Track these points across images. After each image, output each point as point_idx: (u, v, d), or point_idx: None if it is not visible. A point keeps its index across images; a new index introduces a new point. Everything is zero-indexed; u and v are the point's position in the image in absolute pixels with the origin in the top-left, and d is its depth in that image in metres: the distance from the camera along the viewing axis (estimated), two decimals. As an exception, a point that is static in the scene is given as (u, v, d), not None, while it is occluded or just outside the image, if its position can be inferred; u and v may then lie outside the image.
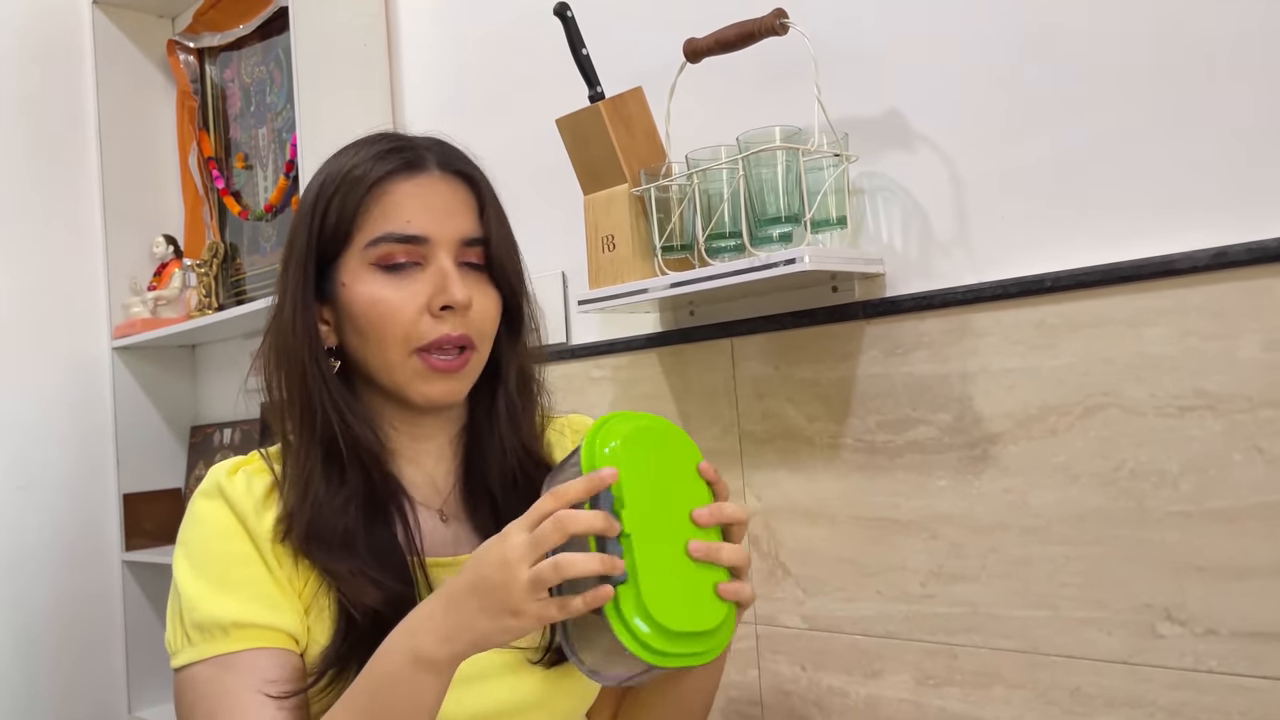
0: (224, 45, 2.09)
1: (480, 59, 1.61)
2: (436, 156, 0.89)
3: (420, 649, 0.73)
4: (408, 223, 0.85)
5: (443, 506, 0.91)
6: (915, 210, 1.10)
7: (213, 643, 0.80)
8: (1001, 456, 1.02)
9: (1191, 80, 0.91)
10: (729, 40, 1.12)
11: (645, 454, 0.77)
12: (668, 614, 0.73)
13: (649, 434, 0.78)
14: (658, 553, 0.75)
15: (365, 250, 0.85)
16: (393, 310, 0.84)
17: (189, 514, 0.86)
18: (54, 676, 2.04)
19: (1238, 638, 0.88)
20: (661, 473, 0.78)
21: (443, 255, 0.86)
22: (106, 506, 2.13)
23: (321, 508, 0.83)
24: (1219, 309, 0.89)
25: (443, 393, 0.86)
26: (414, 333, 0.84)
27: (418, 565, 0.85)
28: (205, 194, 2.15)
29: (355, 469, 0.85)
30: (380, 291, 0.85)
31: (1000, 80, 1.03)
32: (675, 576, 0.75)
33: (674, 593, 0.74)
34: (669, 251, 1.17)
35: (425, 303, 0.84)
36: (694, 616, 0.74)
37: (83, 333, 2.13)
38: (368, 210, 0.86)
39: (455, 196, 0.88)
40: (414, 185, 0.86)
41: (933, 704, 1.08)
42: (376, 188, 0.86)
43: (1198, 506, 0.90)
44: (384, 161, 0.86)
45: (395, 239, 0.85)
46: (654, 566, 0.74)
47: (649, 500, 0.75)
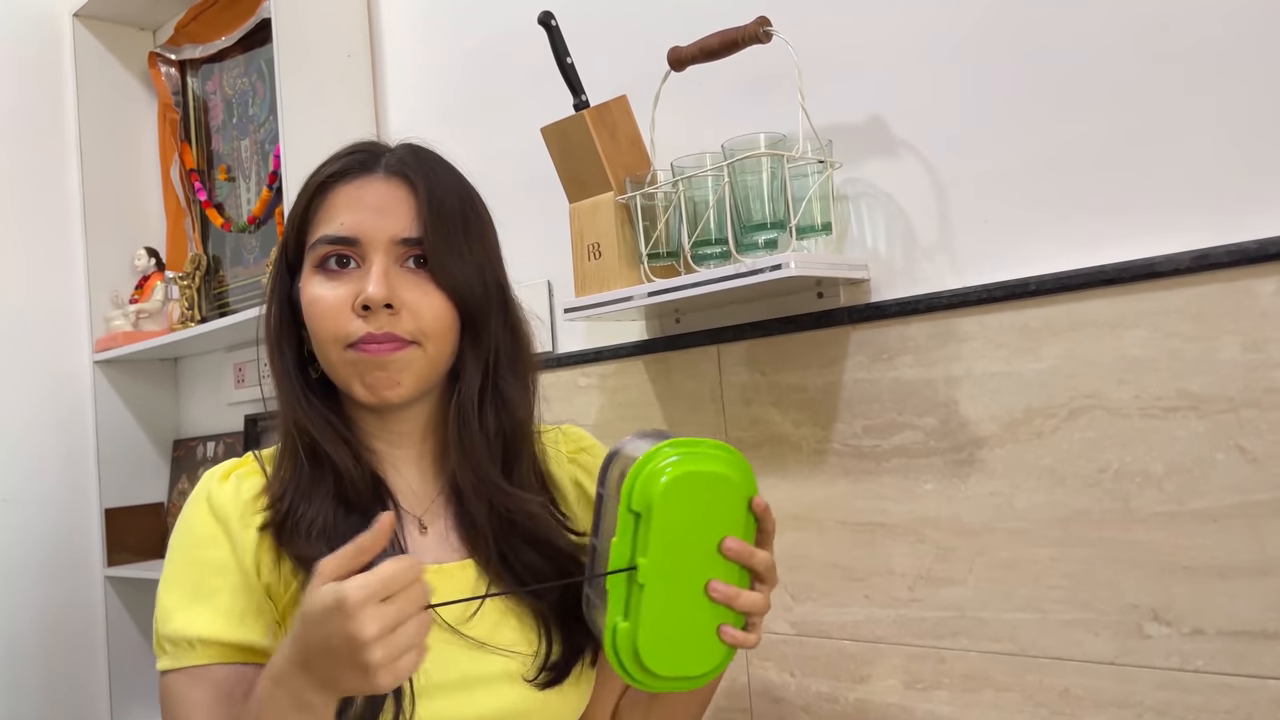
0: (206, 57, 2.09)
1: (464, 68, 1.62)
2: (387, 160, 0.89)
3: (299, 695, 0.70)
4: (341, 224, 0.86)
5: (422, 516, 0.91)
6: (899, 215, 1.11)
7: (182, 655, 0.82)
8: (987, 460, 1.03)
9: (1173, 84, 0.93)
10: (713, 48, 1.13)
11: (693, 494, 0.77)
12: (660, 660, 0.76)
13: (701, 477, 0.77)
14: (671, 594, 0.76)
15: (310, 252, 0.88)
16: (324, 310, 0.86)
17: (178, 520, 0.88)
18: (35, 693, 2.02)
19: (1223, 637, 0.89)
20: (708, 508, 0.77)
21: (377, 256, 0.85)
22: (88, 521, 2.11)
23: (299, 497, 0.85)
24: (1200, 310, 0.90)
25: (379, 381, 0.85)
26: (343, 331, 0.85)
27: None
28: (187, 206, 2.14)
29: (329, 461, 0.87)
30: (316, 291, 0.87)
31: (981, 86, 1.04)
32: (684, 618, 0.77)
33: (676, 638, 0.77)
34: (655, 259, 1.18)
35: (351, 302, 0.85)
36: (688, 661, 0.78)
37: (64, 346, 2.12)
38: (313, 214, 0.89)
39: (392, 197, 0.87)
40: (352, 188, 0.88)
41: (921, 708, 1.08)
42: (319, 192, 0.89)
43: (1182, 506, 0.91)
44: (331, 165, 0.89)
45: (327, 240, 0.86)
46: (660, 613, 0.76)
47: (678, 540, 0.76)
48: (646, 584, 0.75)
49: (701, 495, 0.77)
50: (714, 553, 0.78)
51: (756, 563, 0.79)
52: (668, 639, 0.76)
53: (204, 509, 0.86)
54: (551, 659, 0.87)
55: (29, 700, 2.01)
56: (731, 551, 0.77)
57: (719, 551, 0.78)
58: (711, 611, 0.78)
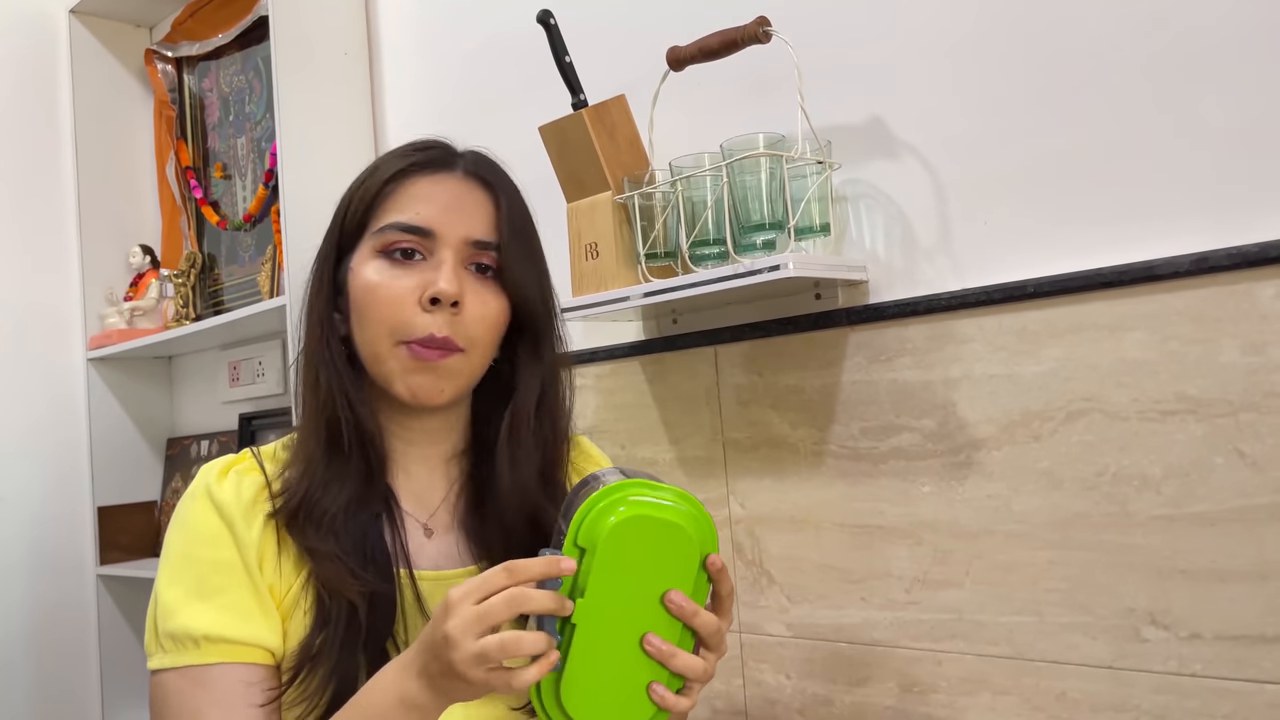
0: (202, 54, 2.08)
1: (462, 67, 1.61)
2: (465, 161, 0.89)
3: (406, 691, 0.73)
4: (417, 214, 0.85)
5: (429, 521, 0.90)
6: (898, 217, 1.10)
7: (184, 653, 0.80)
8: (985, 462, 1.03)
9: (1174, 88, 0.92)
10: (712, 48, 1.13)
11: (642, 539, 0.73)
12: (581, 707, 0.73)
13: (652, 523, 0.73)
14: (605, 640, 0.72)
15: (373, 236, 0.86)
16: (385, 298, 0.84)
17: (175, 515, 0.86)
18: (26, 691, 2.01)
19: (1221, 641, 0.89)
20: (656, 557, 0.73)
21: (447, 252, 0.85)
22: (81, 519, 2.10)
23: (316, 486, 0.83)
24: (1200, 314, 0.90)
25: (422, 386, 0.84)
26: (402, 323, 0.83)
27: (407, 575, 0.85)
28: (183, 204, 2.13)
29: (355, 453, 0.85)
30: (376, 277, 0.85)
31: (982, 87, 1.04)
32: (614, 668, 0.73)
33: (602, 687, 0.73)
34: (652, 259, 1.17)
35: (416, 294, 0.84)
36: (611, 713, 0.73)
37: (58, 343, 2.11)
38: (383, 201, 0.87)
39: (471, 198, 0.87)
40: (431, 181, 0.87)
41: (918, 710, 1.08)
42: (394, 180, 0.87)
43: (1180, 510, 0.91)
44: (409, 157, 0.88)
45: (400, 227, 0.85)
46: (589, 659, 0.72)
47: (621, 586, 0.72)
48: (579, 624, 0.71)
49: (653, 543, 0.73)
50: (658, 606, 0.73)
51: (699, 624, 0.74)
52: (593, 686, 0.73)
53: (206, 505, 0.84)
54: None
55: (19, 698, 2.00)
56: (673, 605, 0.73)
57: (662, 605, 0.73)
58: (645, 667, 0.74)
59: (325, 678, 0.79)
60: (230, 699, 0.79)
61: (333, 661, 0.79)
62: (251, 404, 2.02)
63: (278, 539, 0.84)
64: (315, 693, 0.79)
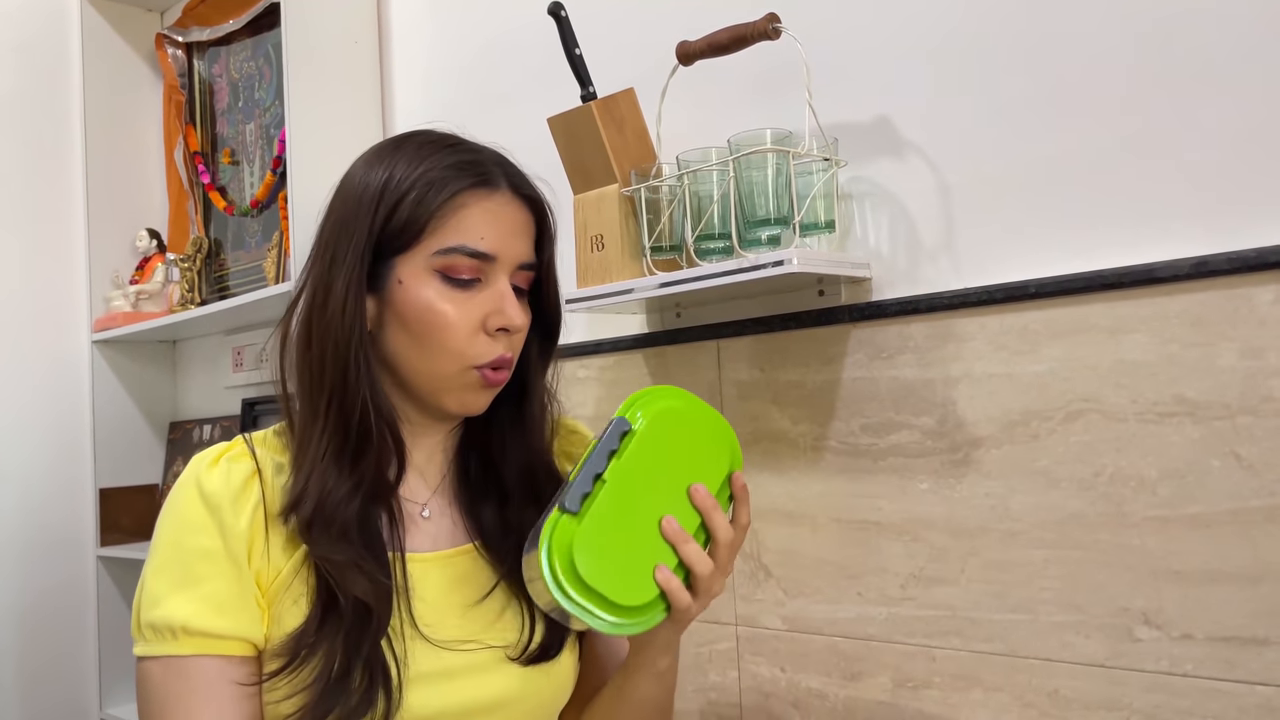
0: (213, 40, 2.09)
1: (471, 58, 1.62)
2: (506, 175, 0.89)
3: None
4: (481, 239, 0.85)
5: (427, 502, 0.92)
6: (902, 216, 1.11)
7: (163, 643, 0.80)
8: (983, 461, 1.04)
9: (1176, 91, 0.93)
10: (721, 43, 1.13)
11: (683, 432, 0.79)
12: (590, 564, 0.74)
13: (699, 419, 0.81)
14: (626, 512, 0.76)
15: (433, 257, 0.85)
16: (450, 325, 0.85)
17: (165, 504, 0.87)
18: (24, 671, 2.02)
19: (1213, 642, 0.90)
20: (691, 458, 0.80)
21: (502, 276, 0.87)
22: (82, 500, 2.11)
23: (330, 495, 0.83)
24: (1199, 317, 0.91)
25: (480, 404, 0.89)
26: (470, 351, 0.85)
27: (398, 560, 0.86)
28: (190, 188, 2.14)
29: (369, 459, 0.85)
30: (440, 303, 0.85)
31: (988, 89, 1.05)
32: (629, 540, 0.76)
33: (614, 553, 0.75)
34: (658, 252, 1.18)
35: (481, 322, 0.86)
36: (616, 582, 0.75)
37: (63, 325, 2.12)
38: (443, 217, 0.85)
39: (521, 219, 0.89)
40: (490, 202, 0.87)
41: (911, 706, 1.09)
42: (455, 198, 0.85)
43: (1175, 511, 0.92)
44: (461, 172, 0.86)
45: (467, 253, 0.85)
46: (609, 520, 0.75)
47: (656, 470, 0.77)
48: (609, 482, 0.75)
49: (695, 435, 0.80)
50: (684, 497, 0.78)
51: (716, 523, 0.79)
52: (605, 548, 0.75)
53: (193, 495, 0.84)
54: (536, 638, 0.88)
55: (16, 678, 2.01)
56: (698, 495, 0.79)
57: (688, 496, 0.78)
58: (658, 549, 0.77)
59: (321, 667, 0.80)
60: (209, 690, 0.80)
61: (330, 654, 0.80)
62: (255, 389, 2.03)
63: (266, 525, 0.83)
64: (308, 685, 0.80)
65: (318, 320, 0.86)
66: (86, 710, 2.09)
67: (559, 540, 0.75)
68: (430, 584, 0.87)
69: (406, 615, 0.84)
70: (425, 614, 0.85)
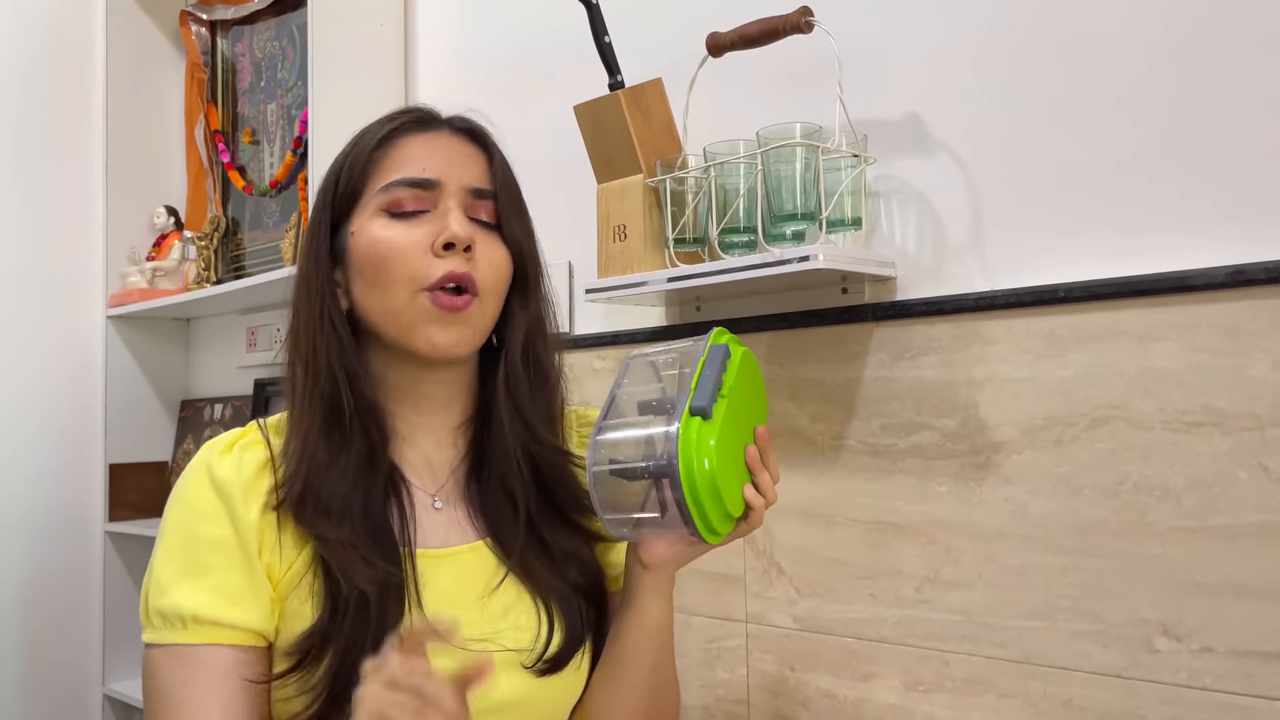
0: (237, 19, 2.08)
1: (498, 43, 1.61)
2: (452, 119, 0.91)
3: None
4: (423, 169, 0.86)
5: (437, 493, 0.90)
6: (930, 215, 1.10)
7: (172, 631, 0.79)
8: (1004, 465, 1.02)
9: (1217, 97, 0.92)
10: (752, 36, 1.12)
11: (753, 375, 0.90)
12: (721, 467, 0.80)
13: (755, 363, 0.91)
14: (729, 430, 0.82)
15: (376, 196, 0.86)
16: (397, 250, 0.84)
17: (175, 490, 0.85)
18: (27, 643, 2.02)
19: (1234, 656, 0.88)
20: (752, 399, 0.89)
21: (451, 201, 0.86)
22: (92, 475, 2.11)
23: (319, 470, 0.82)
24: (1232, 326, 0.89)
25: (447, 339, 0.84)
26: (418, 272, 0.83)
27: (408, 555, 0.84)
28: (210, 167, 2.14)
29: (357, 431, 0.84)
30: (384, 232, 0.85)
31: (1021, 89, 1.04)
32: (731, 458, 0.83)
33: (725, 464, 0.81)
34: (680, 244, 1.17)
35: (430, 243, 0.84)
36: (728, 489, 0.81)
37: (79, 300, 2.12)
38: (378, 162, 0.87)
39: (464, 150, 0.89)
40: (424, 138, 0.88)
41: (921, 710, 1.08)
42: (387, 141, 0.88)
43: (1200, 522, 0.90)
44: (393, 121, 0.89)
45: (406, 183, 0.85)
46: (725, 432, 0.81)
47: (740, 400, 0.85)
48: (728, 398, 0.82)
49: (754, 383, 0.90)
50: (748, 431, 0.86)
51: (772, 459, 0.87)
52: (722, 459, 0.80)
53: (205, 482, 0.83)
54: (551, 648, 0.86)
55: (19, 649, 2.01)
56: (762, 438, 0.87)
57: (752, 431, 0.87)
58: (741, 471, 0.84)
59: (331, 668, 0.78)
60: (216, 680, 0.79)
61: (340, 652, 0.78)
62: (267, 370, 2.03)
63: (278, 519, 0.82)
64: (318, 684, 0.79)
65: (292, 299, 0.89)
66: (89, 685, 2.09)
67: (691, 442, 0.79)
68: (441, 580, 0.85)
69: (418, 611, 0.82)
70: (443, 608, 0.83)
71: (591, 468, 0.82)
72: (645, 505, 0.82)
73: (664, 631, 0.90)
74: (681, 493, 0.78)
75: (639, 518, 0.83)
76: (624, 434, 0.84)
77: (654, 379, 0.89)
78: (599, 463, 0.82)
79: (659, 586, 0.88)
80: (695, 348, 0.88)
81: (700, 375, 0.83)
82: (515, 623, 0.86)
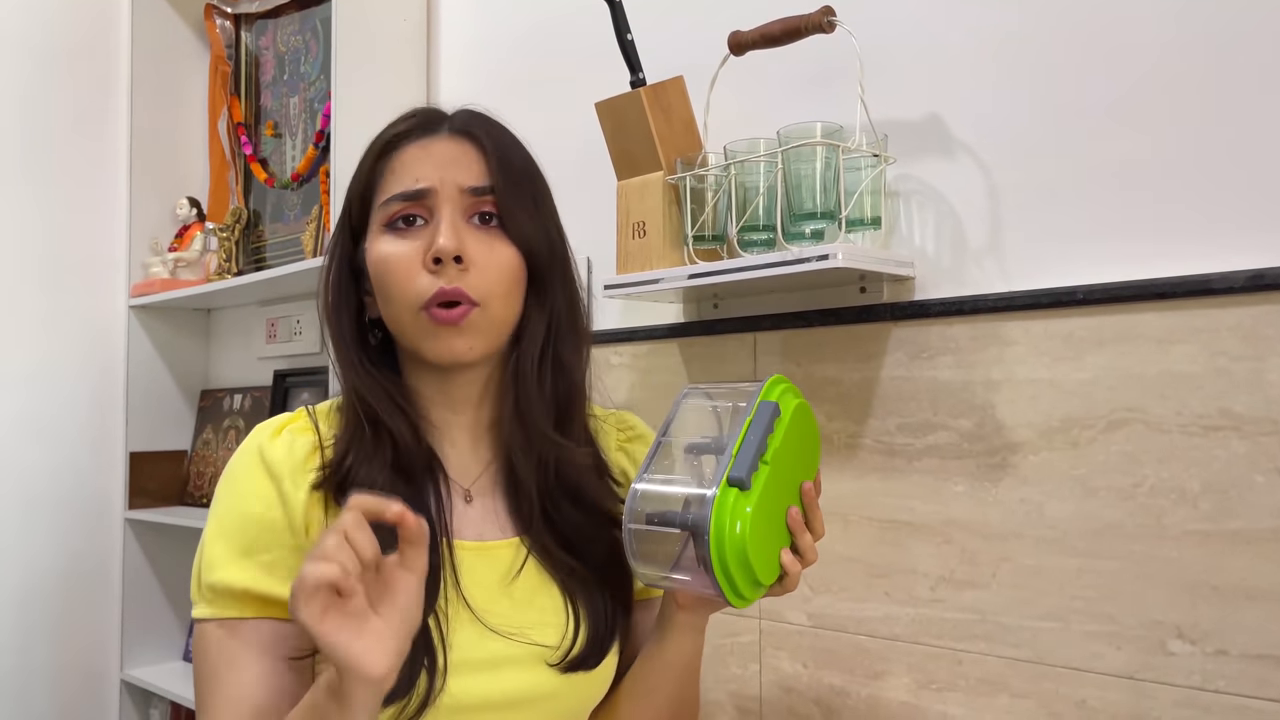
0: (261, 12, 2.10)
1: (520, 40, 1.62)
2: (452, 121, 0.90)
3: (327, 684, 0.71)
4: (415, 179, 0.86)
5: (471, 488, 0.91)
6: (949, 216, 1.10)
7: (224, 606, 0.81)
8: (1020, 466, 1.03)
9: (1238, 101, 0.92)
10: (774, 35, 1.13)
11: (806, 428, 0.87)
12: (754, 543, 0.78)
13: (809, 414, 0.88)
14: (771, 493, 0.80)
15: (377, 212, 0.87)
16: (393, 268, 0.85)
17: (227, 471, 0.87)
18: (46, 628, 2.05)
19: (1248, 659, 0.89)
20: (803, 445, 0.86)
21: (445, 209, 0.85)
22: (113, 463, 2.13)
23: (359, 460, 0.84)
24: (1252, 330, 0.89)
25: (447, 349, 0.85)
26: (413, 289, 0.84)
27: (446, 545, 0.85)
28: (232, 159, 2.15)
29: (386, 433, 0.86)
30: (385, 249, 0.86)
31: (1043, 91, 1.04)
32: (770, 522, 0.81)
33: (762, 531, 0.79)
34: (700, 241, 1.17)
35: (422, 256, 0.84)
36: (761, 561, 0.80)
37: (101, 289, 2.14)
38: (380, 175, 0.88)
39: (460, 151, 0.87)
40: (418, 146, 0.88)
41: (934, 708, 1.08)
42: (385, 154, 0.88)
43: (1216, 526, 0.91)
44: (398, 126, 0.89)
45: (400, 197, 0.86)
46: (766, 499, 0.79)
47: (787, 458, 0.83)
48: (771, 464, 0.80)
49: (807, 434, 0.86)
50: (796, 485, 0.84)
51: (817, 517, 0.85)
52: (759, 527, 0.79)
53: (257, 463, 0.85)
54: (577, 647, 0.87)
55: (41, 629, 2.04)
56: (808, 495, 0.84)
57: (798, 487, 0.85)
58: (781, 533, 0.82)
59: None
60: (262, 652, 0.81)
61: None
62: (287, 361, 2.04)
63: (325, 501, 0.84)
64: None
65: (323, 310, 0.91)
66: (107, 671, 2.11)
67: (725, 513, 0.77)
68: (474, 573, 0.86)
69: (455, 595, 0.84)
70: (476, 596, 0.85)
71: (627, 523, 0.81)
72: (678, 561, 0.80)
73: (692, 666, 0.92)
74: (710, 563, 0.77)
75: (670, 576, 0.82)
76: (663, 489, 0.82)
77: (706, 419, 0.87)
78: (635, 518, 0.81)
79: (693, 624, 0.89)
80: (749, 395, 0.85)
81: (744, 439, 0.80)
82: (543, 619, 0.87)
